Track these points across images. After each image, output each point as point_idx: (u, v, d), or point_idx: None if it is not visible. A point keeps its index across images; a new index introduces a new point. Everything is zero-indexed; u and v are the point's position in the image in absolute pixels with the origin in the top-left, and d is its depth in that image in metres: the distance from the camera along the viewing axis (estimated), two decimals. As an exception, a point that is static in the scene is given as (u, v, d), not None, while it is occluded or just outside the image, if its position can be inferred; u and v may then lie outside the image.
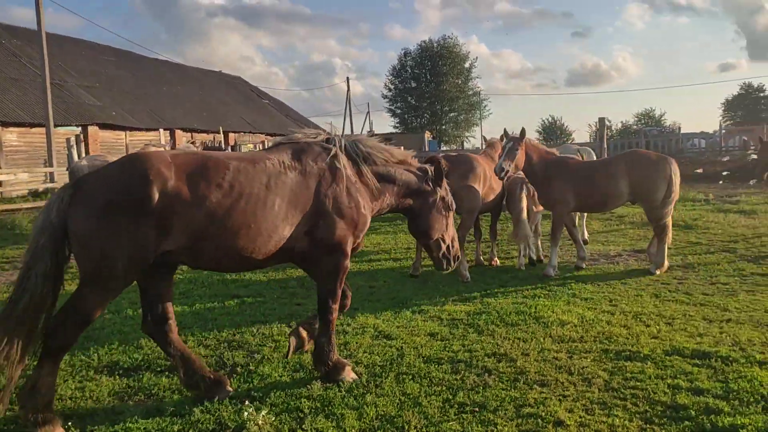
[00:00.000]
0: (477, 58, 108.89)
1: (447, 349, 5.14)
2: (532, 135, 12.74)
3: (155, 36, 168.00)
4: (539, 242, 9.43)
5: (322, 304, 4.50)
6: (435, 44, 68.15)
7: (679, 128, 42.57)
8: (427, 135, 59.26)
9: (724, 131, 36.02)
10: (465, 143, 69.80)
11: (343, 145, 4.60)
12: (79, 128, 25.28)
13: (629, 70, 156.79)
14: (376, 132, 58.11)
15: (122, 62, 34.40)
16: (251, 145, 28.73)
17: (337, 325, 4.93)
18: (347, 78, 53.39)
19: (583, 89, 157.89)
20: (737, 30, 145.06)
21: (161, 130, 29.80)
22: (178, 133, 30.55)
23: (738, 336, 5.25)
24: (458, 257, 5.25)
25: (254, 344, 5.40)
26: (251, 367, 4.80)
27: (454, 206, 5.24)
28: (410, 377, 4.53)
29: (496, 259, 9.18)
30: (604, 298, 6.73)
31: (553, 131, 67.35)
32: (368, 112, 73.85)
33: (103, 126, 26.88)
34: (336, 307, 4.53)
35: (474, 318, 6.01)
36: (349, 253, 4.52)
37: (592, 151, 12.68)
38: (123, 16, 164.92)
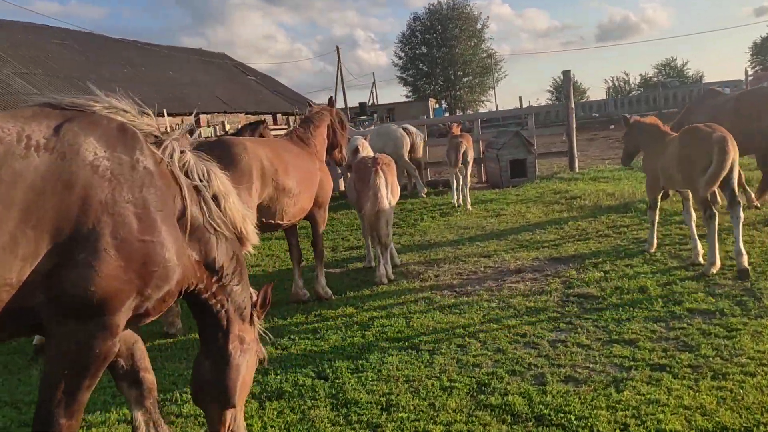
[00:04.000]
0: (488, 17, 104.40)
1: None
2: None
3: (181, 21, 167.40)
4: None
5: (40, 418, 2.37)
6: (444, 6, 64.98)
7: (701, 77, 38.06)
8: (432, 102, 55.78)
9: (751, 77, 31.70)
10: (481, 108, 66.10)
11: (177, 144, 2.69)
12: (9, 121, 22.96)
13: (659, 21, 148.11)
14: (380, 103, 54.90)
15: (75, 46, 32.13)
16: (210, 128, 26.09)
17: None
18: (336, 47, 50.07)
19: (610, 43, 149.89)
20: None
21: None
22: (133, 118, 28.08)
23: None
24: None
25: None
26: None
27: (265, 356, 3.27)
28: None
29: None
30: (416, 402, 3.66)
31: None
32: (374, 82, 69.68)
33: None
34: None
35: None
36: (120, 329, 2.43)
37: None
38: (144, 5, 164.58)
